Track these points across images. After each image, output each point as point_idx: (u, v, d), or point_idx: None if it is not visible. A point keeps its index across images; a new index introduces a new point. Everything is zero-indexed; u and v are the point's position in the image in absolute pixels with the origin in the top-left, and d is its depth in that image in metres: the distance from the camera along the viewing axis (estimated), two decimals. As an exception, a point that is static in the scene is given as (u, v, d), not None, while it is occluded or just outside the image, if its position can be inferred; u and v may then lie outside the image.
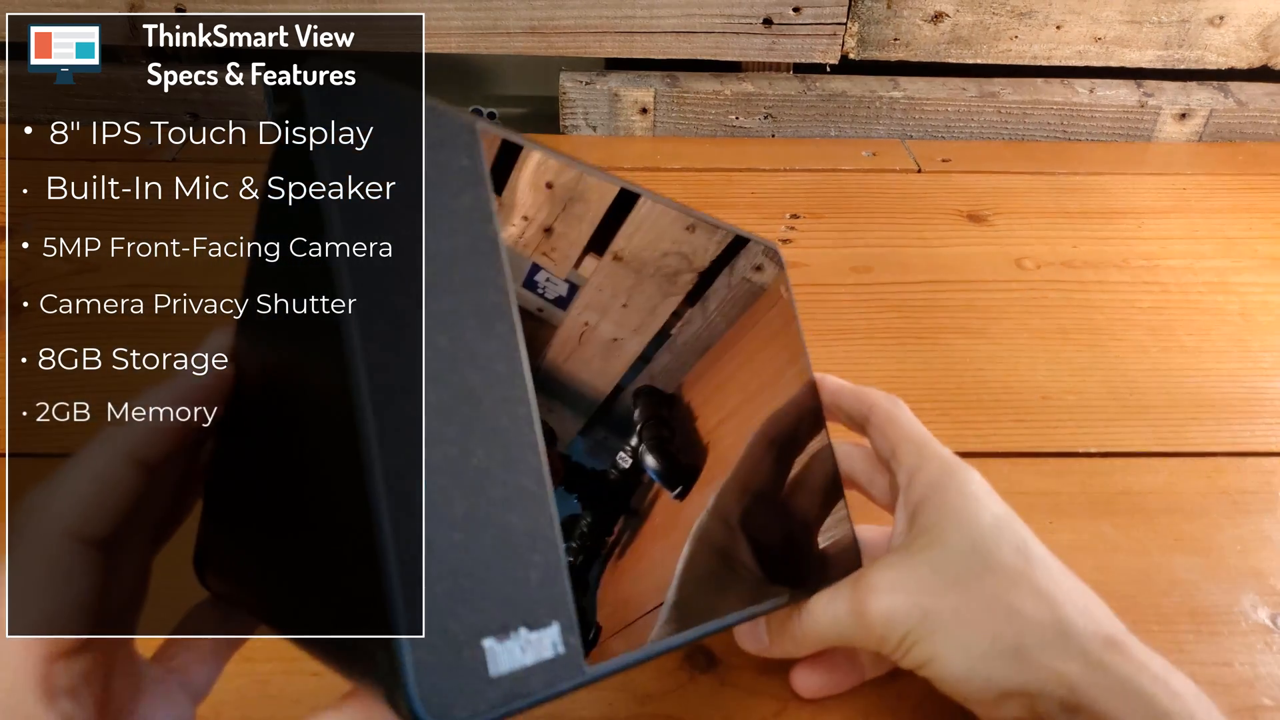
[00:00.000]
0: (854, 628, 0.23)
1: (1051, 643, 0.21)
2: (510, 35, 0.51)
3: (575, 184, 0.22)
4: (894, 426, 0.25)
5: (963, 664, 0.22)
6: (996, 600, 0.22)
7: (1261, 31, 0.54)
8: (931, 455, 0.24)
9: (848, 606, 0.23)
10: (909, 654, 0.22)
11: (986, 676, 0.22)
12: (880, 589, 0.23)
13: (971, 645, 0.22)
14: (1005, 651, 0.21)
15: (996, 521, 0.23)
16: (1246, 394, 0.37)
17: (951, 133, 0.56)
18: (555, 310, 0.23)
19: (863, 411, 0.26)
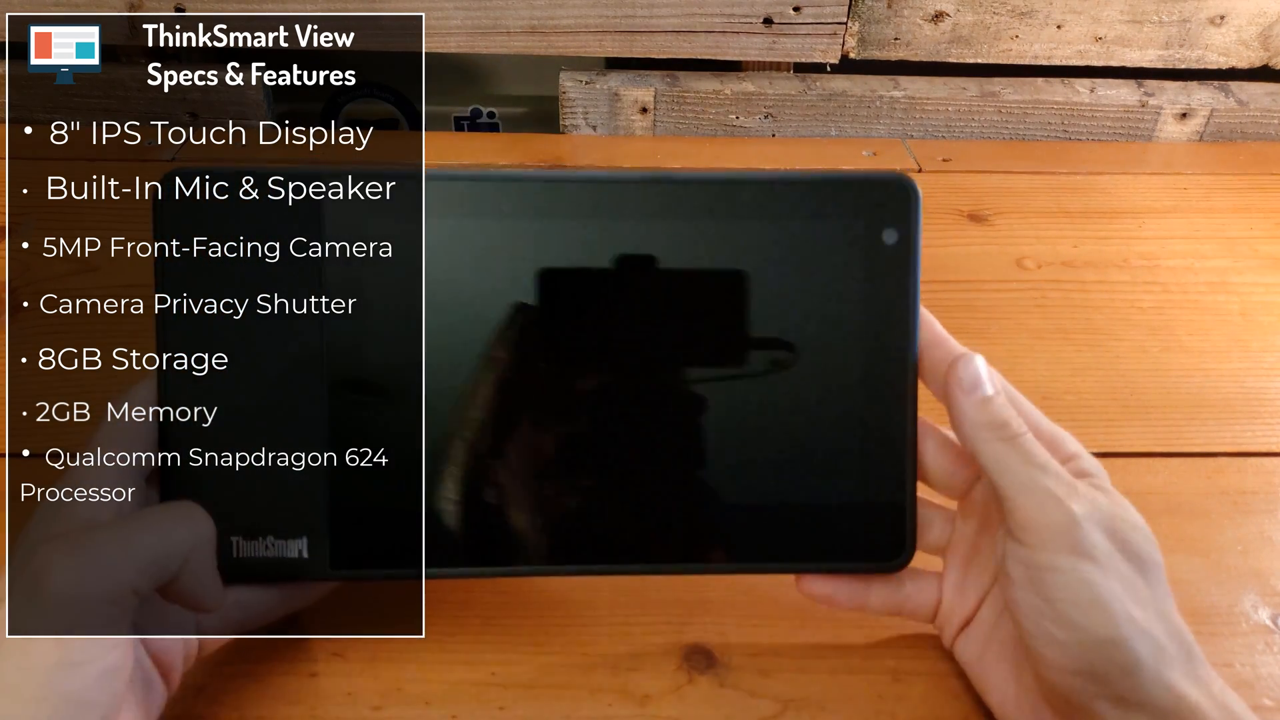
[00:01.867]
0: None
1: (1177, 658, 0.21)
2: (510, 35, 0.51)
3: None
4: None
5: (1114, 610, 0.21)
6: (1151, 590, 0.22)
7: (1262, 31, 0.54)
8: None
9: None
10: (1065, 561, 0.21)
11: (1122, 636, 0.21)
12: (1099, 503, 0.22)
13: (1128, 602, 0.21)
14: (1133, 635, 0.21)
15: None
16: (1247, 394, 0.37)
17: (952, 132, 0.56)
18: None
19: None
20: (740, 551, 0.24)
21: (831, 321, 0.24)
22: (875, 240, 0.24)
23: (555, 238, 0.24)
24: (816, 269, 0.24)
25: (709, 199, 0.24)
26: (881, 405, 0.24)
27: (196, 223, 0.23)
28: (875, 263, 0.24)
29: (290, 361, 0.23)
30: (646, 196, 0.24)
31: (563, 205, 0.24)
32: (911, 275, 0.24)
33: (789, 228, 0.24)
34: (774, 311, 0.24)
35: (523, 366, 0.24)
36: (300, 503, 0.23)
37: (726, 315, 0.24)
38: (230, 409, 0.23)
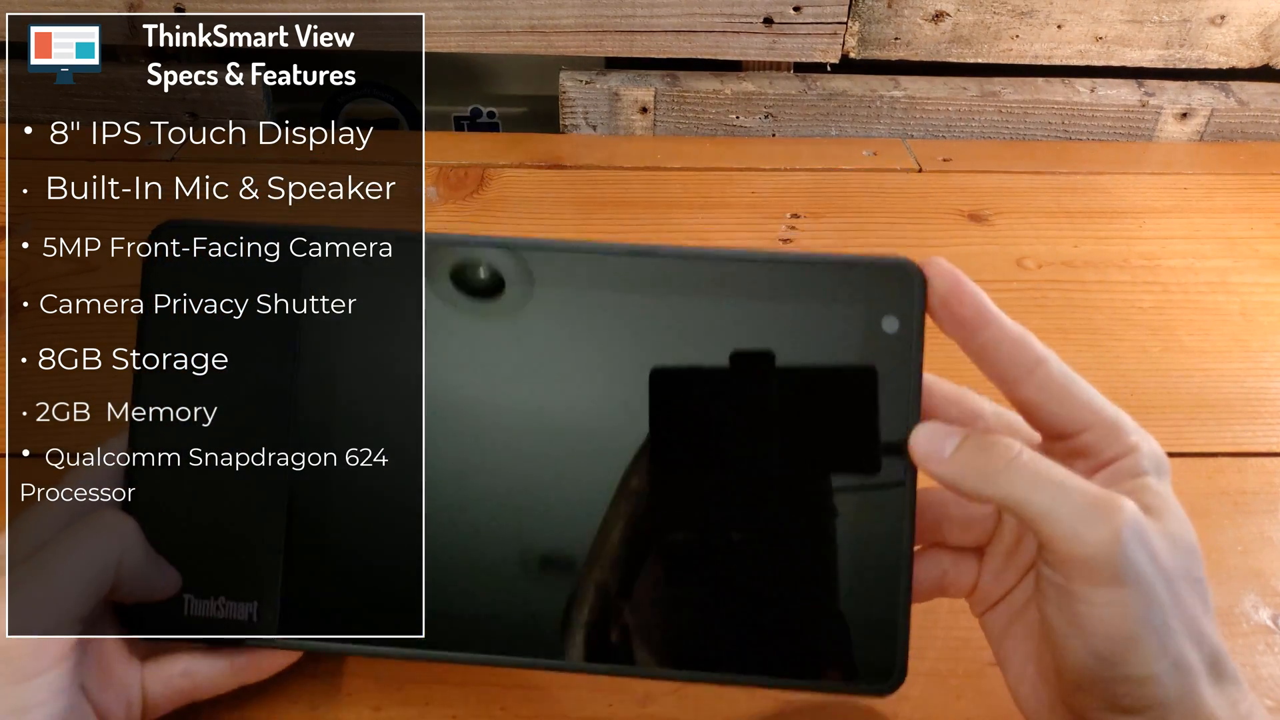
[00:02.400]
0: (1079, 510, 0.19)
1: (1204, 676, 0.20)
2: (510, 34, 0.51)
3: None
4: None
5: (1148, 648, 0.19)
6: (1205, 614, 0.20)
7: (1263, 31, 0.54)
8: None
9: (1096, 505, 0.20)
10: (1103, 594, 0.19)
11: (1154, 674, 0.19)
12: (1140, 518, 0.20)
13: (1168, 635, 0.19)
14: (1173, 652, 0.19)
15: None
16: (1247, 394, 0.37)
17: (952, 132, 0.56)
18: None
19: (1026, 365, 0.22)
20: (720, 661, 0.23)
21: (829, 415, 0.23)
22: (874, 328, 0.22)
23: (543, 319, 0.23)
24: (813, 358, 0.23)
25: (699, 277, 0.23)
26: (875, 511, 0.22)
27: (183, 281, 0.23)
28: (873, 353, 0.22)
29: (256, 426, 0.23)
30: (634, 269, 0.23)
31: (552, 275, 0.23)
32: (911, 367, 0.22)
33: (786, 311, 0.23)
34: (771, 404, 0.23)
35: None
36: (254, 567, 0.23)
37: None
38: (196, 466, 0.23)
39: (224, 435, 0.23)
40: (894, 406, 0.22)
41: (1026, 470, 0.20)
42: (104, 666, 0.22)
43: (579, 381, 0.23)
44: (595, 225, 0.47)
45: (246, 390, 0.23)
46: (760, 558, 0.23)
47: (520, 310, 0.23)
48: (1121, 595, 0.19)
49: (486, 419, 0.23)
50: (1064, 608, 0.20)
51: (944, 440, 0.21)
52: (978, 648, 0.27)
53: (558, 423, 0.23)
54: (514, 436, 0.23)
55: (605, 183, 0.50)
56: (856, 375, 0.22)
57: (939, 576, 0.24)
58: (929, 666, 0.27)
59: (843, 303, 0.22)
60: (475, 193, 0.49)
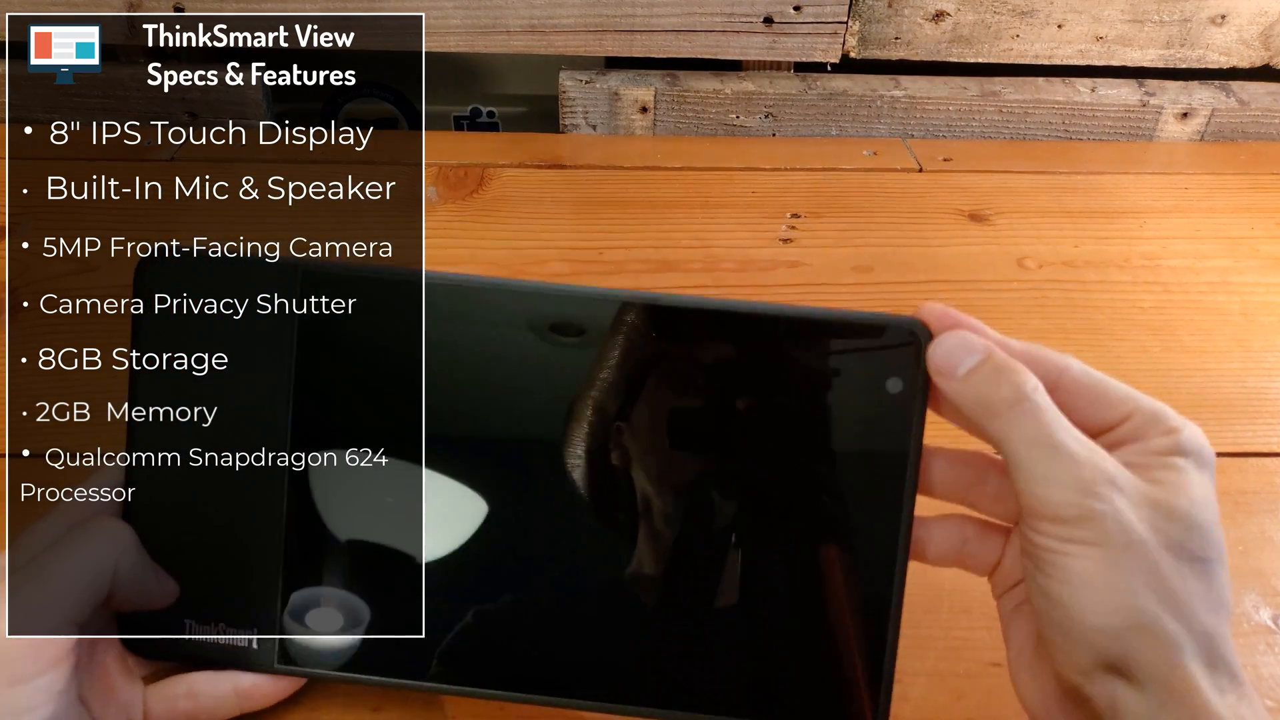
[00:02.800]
0: (1062, 471, 0.19)
1: (1196, 656, 0.19)
2: (510, 34, 0.51)
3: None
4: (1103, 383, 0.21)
5: (1111, 597, 0.19)
6: (1194, 586, 0.19)
7: (1263, 31, 0.54)
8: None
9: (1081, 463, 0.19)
10: (1067, 546, 0.19)
11: (1115, 626, 0.19)
12: (1120, 483, 0.19)
13: (1134, 592, 0.19)
14: (1163, 626, 0.19)
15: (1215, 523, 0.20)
16: (1248, 394, 0.37)
17: (953, 132, 0.56)
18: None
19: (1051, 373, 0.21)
20: (704, 700, 0.23)
21: (825, 472, 0.23)
22: (878, 388, 0.22)
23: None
24: (816, 415, 0.23)
25: (707, 330, 0.23)
26: (865, 567, 0.22)
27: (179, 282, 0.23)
28: (875, 412, 0.22)
29: (253, 431, 0.23)
30: (637, 318, 0.22)
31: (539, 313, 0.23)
32: (911, 429, 0.22)
33: (792, 366, 0.23)
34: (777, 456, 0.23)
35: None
36: (254, 594, 0.23)
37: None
38: (197, 490, 0.23)
39: (222, 440, 0.23)
40: (891, 468, 0.22)
41: (1028, 419, 0.20)
42: (106, 682, 0.22)
43: (563, 428, 0.23)
44: (595, 225, 0.47)
45: (242, 393, 0.23)
46: (740, 606, 0.23)
47: (503, 352, 0.23)
48: (1086, 550, 0.19)
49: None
50: (1031, 555, 0.20)
51: (963, 356, 0.21)
52: (978, 648, 0.27)
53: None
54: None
55: (605, 182, 0.50)
56: (853, 434, 0.22)
57: (958, 545, 0.23)
58: (929, 666, 0.27)
59: (848, 362, 0.22)
60: (475, 192, 0.49)
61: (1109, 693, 0.19)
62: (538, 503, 0.23)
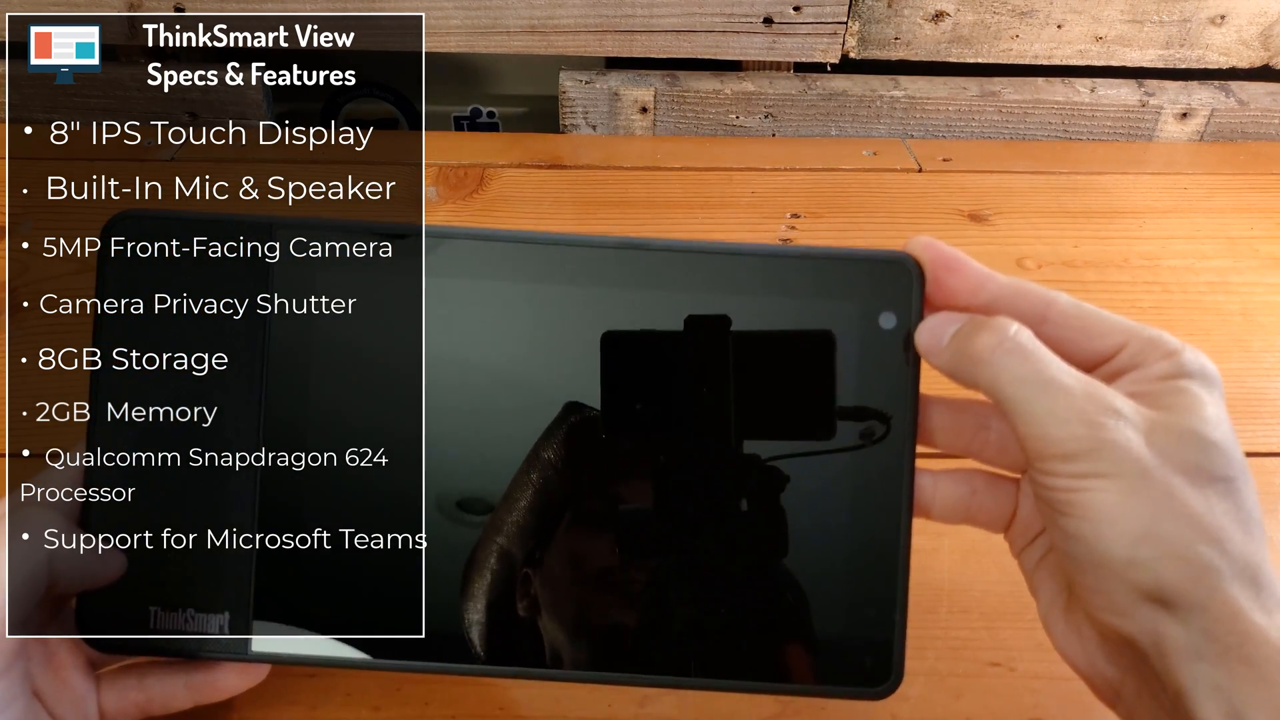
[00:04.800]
0: (1064, 408, 0.19)
1: (1236, 579, 0.18)
2: (510, 34, 0.51)
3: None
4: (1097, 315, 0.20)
5: (1136, 527, 0.18)
6: (1218, 507, 0.18)
7: (1263, 31, 0.54)
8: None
9: (1082, 401, 0.19)
10: (1080, 483, 0.19)
11: (1145, 556, 0.18)
12: (1124, 411, 0.19)
13: (1158, 520, 0.18)
14: (1197, 555, 0.18)
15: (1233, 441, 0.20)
16: (1248, 394, 0.37)
17: (952, 132, 0.56)
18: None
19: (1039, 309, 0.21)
20: (715, 665, 0.22)
21: (817, 416, 0.22)
22: (870, 325, 0.22)
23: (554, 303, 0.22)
24: (804, 350, 0.22)
25: (691, 272, 0.22)
26: (870, 514, 0.22)
27: (140, 279, 0.23)
28: (869, 351, 0.22)
29: (225, 427, 0.23)
30: (622, 265, 0.22)
31: (551, 270, 0.22)
32: (908, 367, 0.22)
33: (780, 306, 0.22)
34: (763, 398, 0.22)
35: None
36: (225, 578, 0.23)
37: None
38: (157, 477, 0.23)
39: (189, 435, 0.23)
40: (891, 404, 0.22)
41: (1011, 358, 0.19)
42: (60, 677, 0.22)
43: (571, 374, 0.23)
44: (595, 225, 0.47)
45: (214, 389, 0.23)
46: (740, 557, 0.22)
47: (508, 300, 0.23)
48: (1100, 483, 0.18)
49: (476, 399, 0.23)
50: (1046, 500, 0.19)
51: (945, 329, 0.21)
52: (978, 647, 0.27)
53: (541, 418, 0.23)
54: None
55: (605, 183, 0.50)
56: (846, 375, 0.22)
57: (966, 497, 0.22)
58: (929, 666, 0.27)
59: (838, 299, 0.22)
60: (475, 192, 0.49)
61: (1151, 628, 0.18)
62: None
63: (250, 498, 0.23)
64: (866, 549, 0.22)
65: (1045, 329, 0.20)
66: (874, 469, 0.22)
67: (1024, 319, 0.20)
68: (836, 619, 0.22)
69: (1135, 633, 0.19)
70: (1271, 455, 0.34)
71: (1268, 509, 0.32)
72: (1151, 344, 0.20)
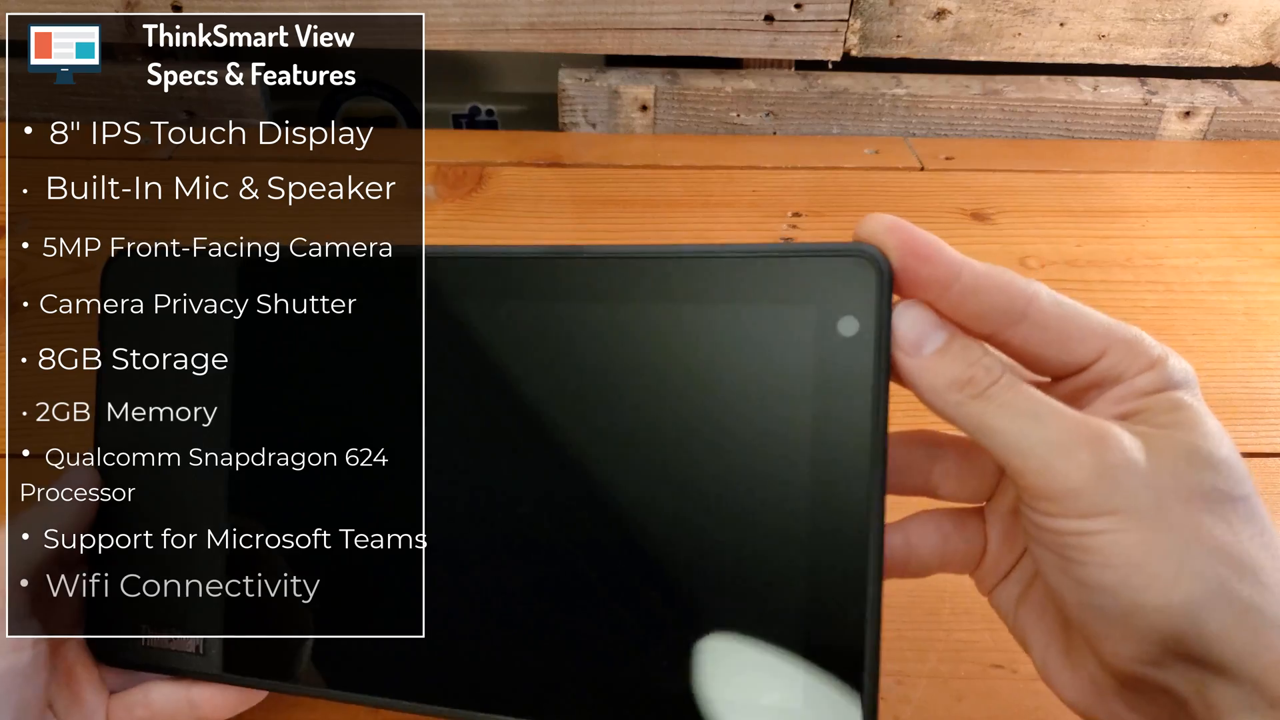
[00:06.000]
0: (1059, 441, 0.17)
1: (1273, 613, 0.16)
2: (509, 32, 0.51)
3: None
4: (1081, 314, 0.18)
5: (1166, 570, 0.16)
6: (1244, 532, 0.17)
7: (1266, 29, 0.54)
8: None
9: (1078, 432, 0.17)
10: (1094, 524, 0.17)
11: (1180, 602, 0.16)
12: (1127, 444, 0.17)
13: (1188, 557, 0.16)
14: (1226, 592, 0.16)
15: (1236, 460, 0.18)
16: (1251, 394, 0.37)
17: (955, 130, 0.56)
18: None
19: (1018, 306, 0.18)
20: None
21: (772, 441, 0.19)
22: (828, 332, 0.18)
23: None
24: (757, 370, 0.19)
25: (621, 278, 0.19)
26: (832, 553, 0.18)
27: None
28: (828, 363, 0.18)
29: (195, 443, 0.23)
30: (541, 275, 0.20)
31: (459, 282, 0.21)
32: (874, 379, 0.18)
33: (727, 314, 0.19)
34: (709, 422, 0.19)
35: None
36: (199, 602, 0.23)
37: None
38: (145, 494, 0.23)
39: (189, 435, 0.23)
40: (852, 425, 0.18)
41: (1008, 392, 0.17)
42: (73, 690, 0.23)
43: (474, 398, 0.21)
44: (594, 224, 0.47)
45: (215, 388, 0.23)
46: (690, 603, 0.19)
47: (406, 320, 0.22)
48: (1116, 521, 0.16)
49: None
50: (1061, 557, 0.17)
51: (930, 332, 0.18)
52: (980, 650, 0.27)
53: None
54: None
55: (605, 181, 0.50)
56: (800, 396, 0.19)
57: (938, 545, 0.20)
58: (930, 669, 0.27)
59: (789, 303, 0.19)
60: (474, 191, 0.49)
61: (1192, 678, 0.17)
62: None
63: (218, 504, 0.23)
64: (826, 598, 0.18)
65: (1022, 329, 0.18)
66: (835, 500, 0.18)
67: (1003, 314, 0.18)
68: (795, 653, 0.19)
69: (1172, 683, 0.17)
70: (1275, 456, 0.34)
71: (1272, 510, 0.32)
72: (1131, 350, 0.18)
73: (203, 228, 0.25)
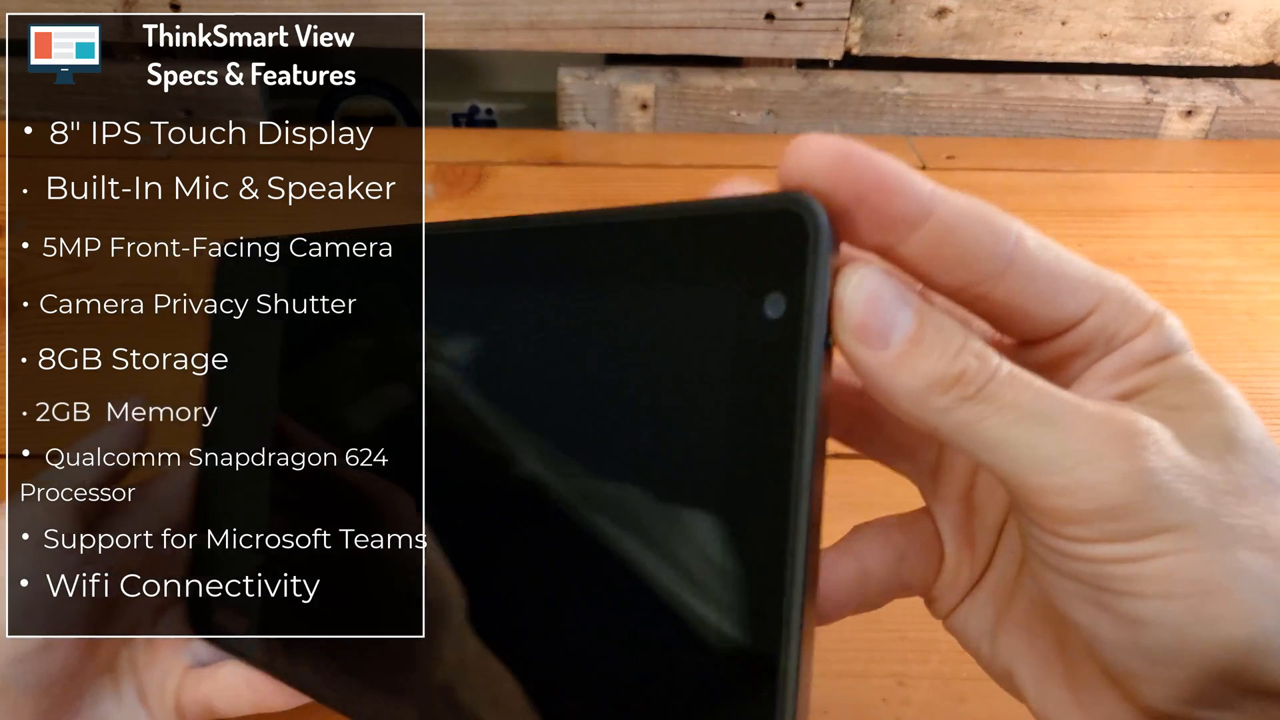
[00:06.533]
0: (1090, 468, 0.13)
1: None
2: (508, 30, 0.51)
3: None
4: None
5: (1248, 599, 0.12)
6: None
7: (1268, 28, 0.54)
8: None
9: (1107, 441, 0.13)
10: (1144, 547, 0.13)
11: (1262, 629, 0.12)
12: (1163, 438, 0.13)
13: (1268, 572, 0.13)
14: None
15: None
16: (1253, 394, 0.37)
17: (956, 129, 0.56)
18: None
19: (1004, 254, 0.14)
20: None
21: (678, 444, 0.14)
22: (751, 314, 0.13)
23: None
24: (660, 361, 0.14)
25: (503, 254, 0.16)
26: (750, 570, 0.13)
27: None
28: (747, 351, 0.13)
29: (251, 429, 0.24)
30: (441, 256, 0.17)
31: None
32: (803, 368, 0.13)
33: (625, 295, 0.15)
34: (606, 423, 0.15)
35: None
36: (243, 583, 0.24)
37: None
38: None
39: (223, 439, 0.23)
40: (776, 429, 0.13)
41: (1012, 389, 0.13)
42: (154, 645, 0.24)
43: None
44: (597, 223, 0.47)
45: (214, 388, 0.23)
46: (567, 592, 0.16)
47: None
48: (1165, 540, 0.13)
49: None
50: (1095, 589, 0.13)
51: (893, 312, 0.13)
52: (981, 650, 0.27)
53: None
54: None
55: (604, 180, 0.50)
56: (713, 392, 0.14)
57: (895, 563, 0.17)
58: (933, 669, 0.27)
59: (703, 281, 0.14)
60: (473, 190, 0.49)
61: (1251, 712, 0.13)
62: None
63: (263, 502, 0.23)
64: (744, 613, 0.14)
65: (1008, 279, 0.14)
66: (749, 497, 0.13)
67: (985, 262, 0.14)
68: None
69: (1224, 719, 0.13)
70: (1276, 456, 0.34)
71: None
72: (1124, 307, 0.15)
73: (203, 228, 0.25)
